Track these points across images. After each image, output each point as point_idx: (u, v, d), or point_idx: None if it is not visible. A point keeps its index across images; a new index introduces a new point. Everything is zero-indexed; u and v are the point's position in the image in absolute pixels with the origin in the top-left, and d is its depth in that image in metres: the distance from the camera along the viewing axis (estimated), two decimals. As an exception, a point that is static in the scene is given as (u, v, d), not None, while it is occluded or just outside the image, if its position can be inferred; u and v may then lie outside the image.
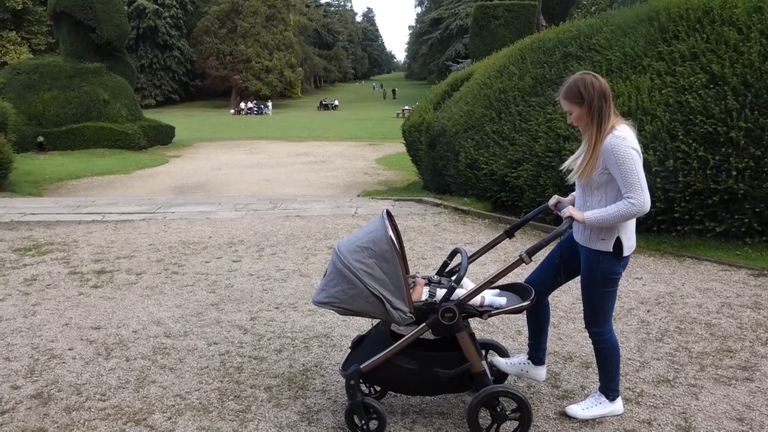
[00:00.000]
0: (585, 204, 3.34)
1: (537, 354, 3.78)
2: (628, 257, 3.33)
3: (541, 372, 3.81)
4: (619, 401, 3.58)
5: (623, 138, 3.10)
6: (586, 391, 3.91)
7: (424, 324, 3.30)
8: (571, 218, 3.29)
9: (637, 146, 3.14)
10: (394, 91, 77.93)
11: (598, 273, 3.29)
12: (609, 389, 3.55)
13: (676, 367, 4.24)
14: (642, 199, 3.07)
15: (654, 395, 3.85)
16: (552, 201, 3.67)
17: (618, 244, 3.24)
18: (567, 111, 3.29)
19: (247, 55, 65.47)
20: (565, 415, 3.63)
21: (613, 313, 5.19)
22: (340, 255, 3.28)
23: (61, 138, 23.64)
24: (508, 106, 9.75)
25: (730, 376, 4.10)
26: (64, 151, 22.98)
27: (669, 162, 7.11)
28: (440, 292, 3.40)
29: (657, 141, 7.28)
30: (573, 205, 3.50)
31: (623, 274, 3.38)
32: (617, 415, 3.56)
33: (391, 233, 3.24)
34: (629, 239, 3.28)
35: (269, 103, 61.42)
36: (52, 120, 23.86)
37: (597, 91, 3.15)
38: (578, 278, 3.46)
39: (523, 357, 3.84)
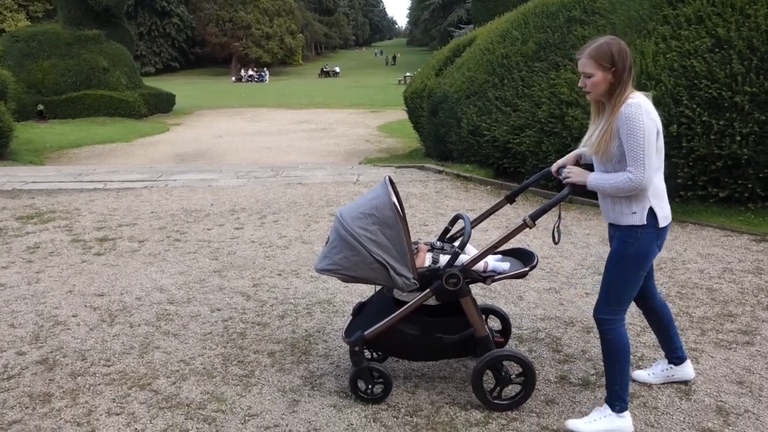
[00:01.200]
0: (604, 202, 3.12)
1: (675, 354, 3.52)
2: (665, 233, 3.04)
3: (687, 370, 3.54)
4: (627, 416, 3.10)
5: (638, 106, 2.83)
6: (586, 355, 3.93)
7: (428, 290, 3.31)
8: (571, 185, 3.16)
9: (655, 115, 2.89)
10: (394, 57, 77.48)
11: (632, 250, 2.97)
12: (614, 396, 3.09)
13: (677, 331, 4.25)
14: (641, 176, 2.84)
15: (654, 359, 3.87)
16: (554, 167, 3.44)
17: (652, 215, 2.94)
18: (587, 73, 2.94)
19: (247, 22, 64.86)
20: (565, 378, 3.65)
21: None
22: (343, 222, 3.26)
23: (61, 106, 23.51)
24: (510, 71, 9.67)
25: (730, 340, 4.12)
26: (64, 120, 22.89)
27: (673, 127, 7.05)
28: (443, 258, 3.40)
29: (661, 106, 7.21)
30: (576, 165, 3.32)
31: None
32: None
33: (394, 199, 3.22)
34: (663, 209, 2.99)
35: (266, 71, 60.92)
36: (51, 88, 23.72)
37: (629, 62, 2.89)
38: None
39: (663, 363, 3.58)
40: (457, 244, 3.46)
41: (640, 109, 2.82)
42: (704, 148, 6.92)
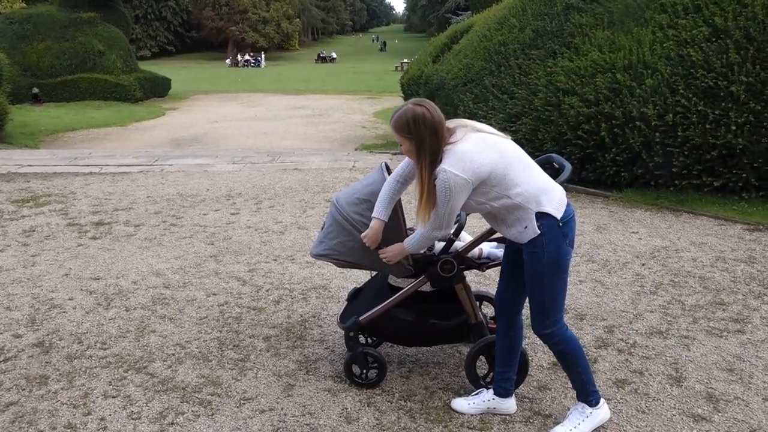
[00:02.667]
0: (502, 230, 2.98)
1: (504, 384, 3.21)
2: (570, 227, 2.86)
3: (509, 404, 3.23)
4: (603, 404, 3.07)
5: (450, 173, 2.68)
6: (581, 342, 3.95)
7: (423, 276, 3.33)
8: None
9: (477, 167, 2.69)
10: (384, 43, 77.72)
11: (545, 260, 2.81)
12: (587, 393, 3.03)
13: (669, 319, 4.30)
14: (441, 232, 2.88)
15: (646, 346, 3.91)
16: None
17: (542, 216, 2.79)
18: (398, 141, 2.86)
19: (244, 6, 64.47)
20: (558, 365, 3.69)
21: (607, 269, 5.27)
22: (339, 207, 3.28)
23: (56, 89, 23.36)
24: (507, 59, 9.65)
25: (721, 328, 4.16)
26: (59, 103, 22.75)
27: (668, 116, 7.08)
28: (438, 245, 3.42)
29: (657, 95, 7.24)
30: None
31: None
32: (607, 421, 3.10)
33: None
34: (550, 202, 2.81)
35: (262, 55, 60.61)
36: (46, 71, 23.55)
37: (429, 127, 2.72)
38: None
39: (487, 393, 3.25)
40: (452, 230, 3.48)
41: (451, 175, 2.68)
42: (699, 138, 6.94)
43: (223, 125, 18.38)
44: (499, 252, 3.48)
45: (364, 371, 3.47)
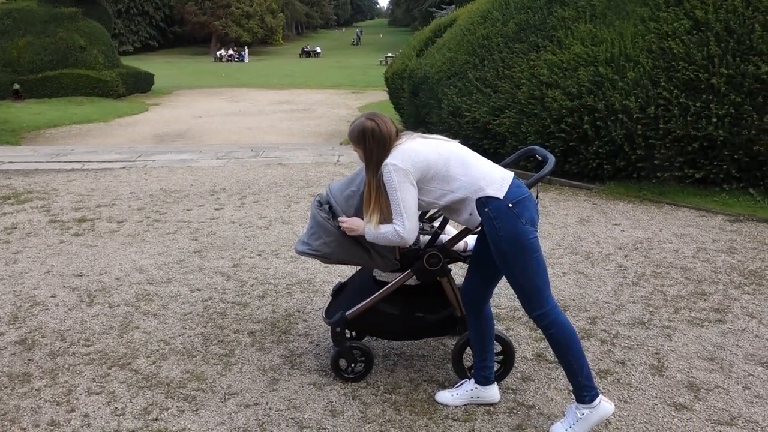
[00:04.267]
0: (456, 219, 3.10)
1: (484, 372, 3.24)
2: (524, 205, 2.86)
3: (492, 392, 3.25)
4: (601, 402, 2.92)
5: (390, 164, 2.86)
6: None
7: (409, 270, 3.34)
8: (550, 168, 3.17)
9: (416, 156, 2.87)
10: (358, 37, 78.18)
11: (504, 244, 2.83)
12: (580, 387, 2.91)
13: (651, 309, 4.34)
14: (405, 227, 2.89)
15: (629, 337, 3.95)
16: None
17: (483, 203, 2.85)
18: (354, 149, 3.07)
19: (227, 0, 64.01)
20: (541, 356, 3.72)
21: (590, 260, 5.31)
22: (331, 196, 3.27)
23: (38, 85, 23.11)
24: (491, 52, 9.67)
25: (703, 318, 4.21)
26: (40, 99, 22.51)
27: (650, 109, 7.13)
28: (424, 239, 3.43)
29: (639, 88, 7.29)
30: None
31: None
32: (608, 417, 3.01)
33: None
34: (489, 186, 2.87)
35: (246, 50, 60.30)
36: (27, 67, 23.29)
37: (377, 140, 2.92)
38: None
39: (469, 383, 3.29)
40: (437, 224, 3.49)
41: (392, 167, 2.85)
42: (681, 130, 7.00)
43: (206, 120, 18.28)
44: (483, 244, 3.50)
45: (352, 365, 3.48)
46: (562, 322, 2.92)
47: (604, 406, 2.92)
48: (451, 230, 3.52)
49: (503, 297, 4.56)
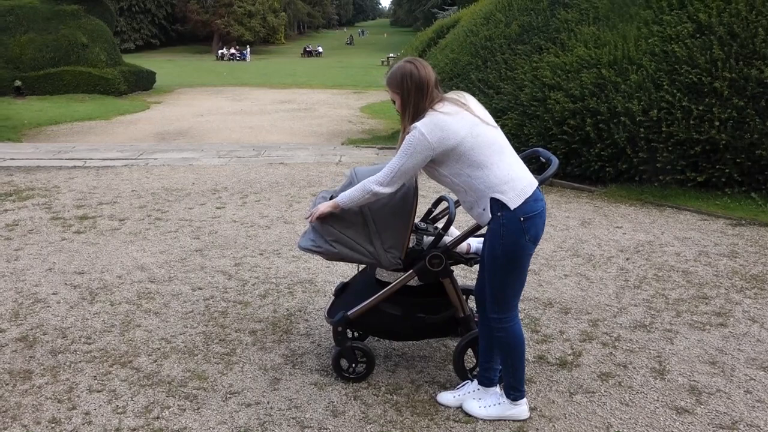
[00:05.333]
0: (466, 208, 3.05)
1: (488, 374, 3.24)
2: (533, 223, 2.87)
3: (494, 393, 3.23)
4: (522, 404, 3.10)
5: (418, 131, 2.82)
6: (564, 336, 4.00)
7: (411, 270, 3.34)
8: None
9: (461, 119, 2.84)
10: (351, 37, 79.22)
11: (500, 250, 2.87)
12: (510, 387, 3.09)
13: (652, 313, 4.34)
14: (383, 188, 2.96)
15: (630, 340, 3.95)
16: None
17: (497, 205, 2.84)
18: (391, 98, 3.05)
19: (229, -1, 64.11)
20: (543, 358, 3.72)
21: (592, 263, 5.30)
22: (356, 180, 3.22)
23: (40, 82, 23.10)
24: (493, 54, 9.67)
25: (704, 321, 4.20)
26: (42, 96, 22.49)
27: (653, 112, 7.13)
28: (427, 239, 3.43)
29: (642, 91, 7.29)
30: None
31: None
32: (519, 420, 3.10)
33: (416, 180, 3.20)
34: (507, 191, 2.84)
35: (248, 49, 60.28)
36: (29, 64, 23.28)
37: (415, 82, 2.90)
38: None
39: (473, 384, 3.30)
40: (440, 225, 3.49)
41: (420, 134, 2.82)
42: (683, 133, 7.00)
43: (208, 119, 18.28)
44: (486, 246, 3.50)
45: (353, 365, 3.47)
46: (514, 332, 3.03)
47: (523, 408, 3.12)
48: (455, 232, 3.52)
49: (505, 299, 4.56)
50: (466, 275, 4.94)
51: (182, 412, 3.19)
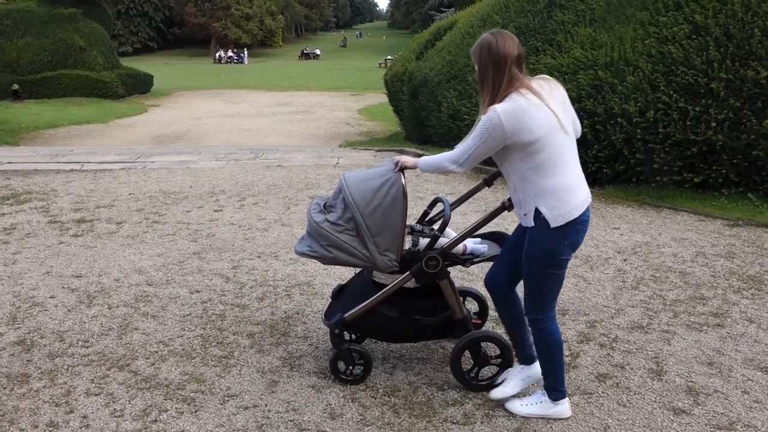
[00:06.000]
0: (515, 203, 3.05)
1: (526, 352, 3.34)
2: (574, 232, 2.89)
3: (538, 369, 3.29)
4: (564, 403, 3.12)
5: (496, 115, 2.76)
6: (563, 337, 3.99)
7: (407, 272, 3.34)
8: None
9: (519, 128, 2.75)
10: (344, 39, 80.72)
11: (538, 250, 2.90)
12: (550, 388, 3.12)
13: (650, 314, 4.34)
14: (460, 166, 2.92)
15: (628, 341, 3.95)
16: None
17: (538, 216, 2.86)
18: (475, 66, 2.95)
19: (227, 2, 64.10)
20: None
21: (589, 264, 5.31)
22: (347, 185, 3.26)
23: (37, 86, 23.13)
24: (491, 55, 9.67)
25: (701, 322, 4.21)
26: (40, 100, 22.52)
27: (650, 113, 7.13)
28: (423, 241, 3.43)
29: (638, 92, 7.29)
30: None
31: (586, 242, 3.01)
32: (563, 419, 3.14)
33: (403, 181, 3.22)
34: (554, 209, 2.83)
35: (245, 52, 60.29)
36: (26, 67, 23.30)
37: (492, 56, 2.79)
38: None
39: (516, 368, 3.40)
40: (436, 227, 3.50)
41: (496, 114, 2.76)
42: (680, 134, 7.01)
43: (206, 122, 18.29)
44: (483, 248, 3.51)
45: (350, 367, 3.48)
46: (551, 332, 3.06)
47: (564, 408, 3.14)
48: (451, 233, 3.53)
49: (502, 300, 4.56)
50: (463, 277, 4.95)
51: (180, 415, 3.19)
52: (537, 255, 2.92)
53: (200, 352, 3.84)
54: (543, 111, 2.79)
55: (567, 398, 3.16)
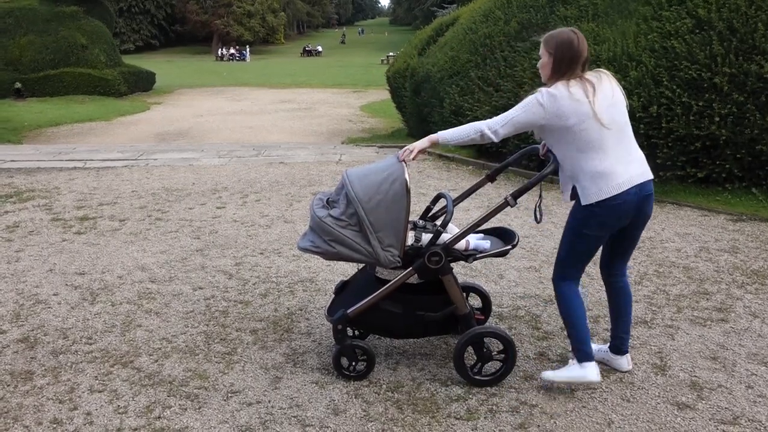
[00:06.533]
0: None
1: (614, 342, 3.52)
2: (608, 211, 3.09)
3: (623, 362, 3.52)
4: (590, 366, 3.26)
5: (541, 94, 3.09)
6: (564, 333, 3.98)
7: (410, 268, 3.34)
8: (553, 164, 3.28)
9: (558, 113, 3.04)
10: (343, 35, 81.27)
11: (573, 222, 3.24)
12: (574, 349, 3.33)
13: (653, 308, 4.34)
14: (497, 133, 3.17)
15: (632, 336, 3.93)
16: (543, 149, 3.51)
17: (575, 193, 3.17)
18: (540, 54, 3.23)
19: (228, -1, 64.14)
20: (544, 355, 3.72)
21: (593, 261, 5.29)
22: (350, 182, 3.26)
23: (39, 84, 23.12)
24: (493, 51, 9.66)
25: (705, 317, 4.20)
26: (42, 98, 22.52)
27: (653, 108, 7.12)
28: (426, 237, 3.42)
29: (641, 87, 7.27)
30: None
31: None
32: (592, 383, 3.30)
33: (407, 176, 3.22)
34: (585, 188, 3.11)
35: (247, 49, 60.28)
36: (29, 65, 23.30)
37: (573, 53, 3.08)
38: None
39: (603, 346, 3.61)
40: (439, 222, 3.49)
41: (541, 96, 3.09)
42: (683, 129, 6.99)
43: (208, 119, 18.29)
44: (486, 244, 3.50)
45: (353, 363, 3.47)
46: (566, 296, 3.32)
47: (591, 371, 3.26)
48: (453, 229, 3.52)
49: (505, 296, 4.56)
50: (466, 272, 4.94)
51: (183, 411, 3.19)
52: (570, 224, 3.27)
53: (203, 349, 3.84)
54: (579, 104, 3.04)
55: (594, 362, 3.28)
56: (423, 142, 3.30)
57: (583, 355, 3.28)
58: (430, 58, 11.77)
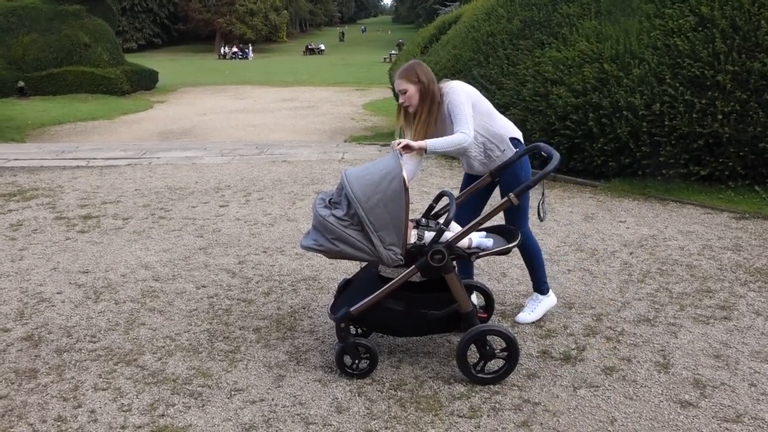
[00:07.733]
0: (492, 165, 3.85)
1: (538, 286, 4.14)
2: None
3: (551, 299, 4.18)
4: (551, 294, 4.13)
5: (454, 88, 3.64)
6: (568, 331, 4.00)
7: (413, 266, 3.34)
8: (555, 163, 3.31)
9: (471, 90, 3.70)
10: (342, 34, 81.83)
11: (523, 178, 3.72)
12: (540, 284, 4.09)
13: (656, 307, 4.34)
14: (468, 132, 3.52)
15: (634, 334, 3.95)
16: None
17: (515, 141, 3.77)
18: (400, 90, 3.63)
19: (231, -3, 64.16)
20: (547, 353, 3.72)
21: (595, 258, 5.31)
22: (348, 183, 3.27)
23: (43, 83, 23.15)
24: (495, 49, 9.66)
25: (708, 315, 4.20)
26: (45, 97, 22.55)
27: (656, 106, 7.11)
28: (428, 235, 3.42)
29: (644, 85, 7.27)
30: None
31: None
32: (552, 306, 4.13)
33: (405, 174, 3.23)
34: (514, 131, 3.82)
35: (250, 47, 60.30)
36: (32, 64, 23.32)
37: (431, 75, 3.64)
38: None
39: (532, 297, 4.20)
40: (441, 221, 3.50)
41: (454, 88, 3.63)
42: (686, 127, 6.98)
43: (211, 118, 18.30)
44: (489, 242, 3.50)
45: (356, 362, 3.48)
46: (528, 237, 3.95)
47: (553, 297, 4.16)
48: (456, 227, 3.53)
49: (508, 294, 4.57)
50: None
51: (187, 409, 3.20)
52: (523, 179, 3.77)
53: (207, 347, 3.85)
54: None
55: (550, 289, 4.16)
56: (416, 144, 3.51)
57: (547, 287, 4.10)
58: (433, 56, 11.77)
